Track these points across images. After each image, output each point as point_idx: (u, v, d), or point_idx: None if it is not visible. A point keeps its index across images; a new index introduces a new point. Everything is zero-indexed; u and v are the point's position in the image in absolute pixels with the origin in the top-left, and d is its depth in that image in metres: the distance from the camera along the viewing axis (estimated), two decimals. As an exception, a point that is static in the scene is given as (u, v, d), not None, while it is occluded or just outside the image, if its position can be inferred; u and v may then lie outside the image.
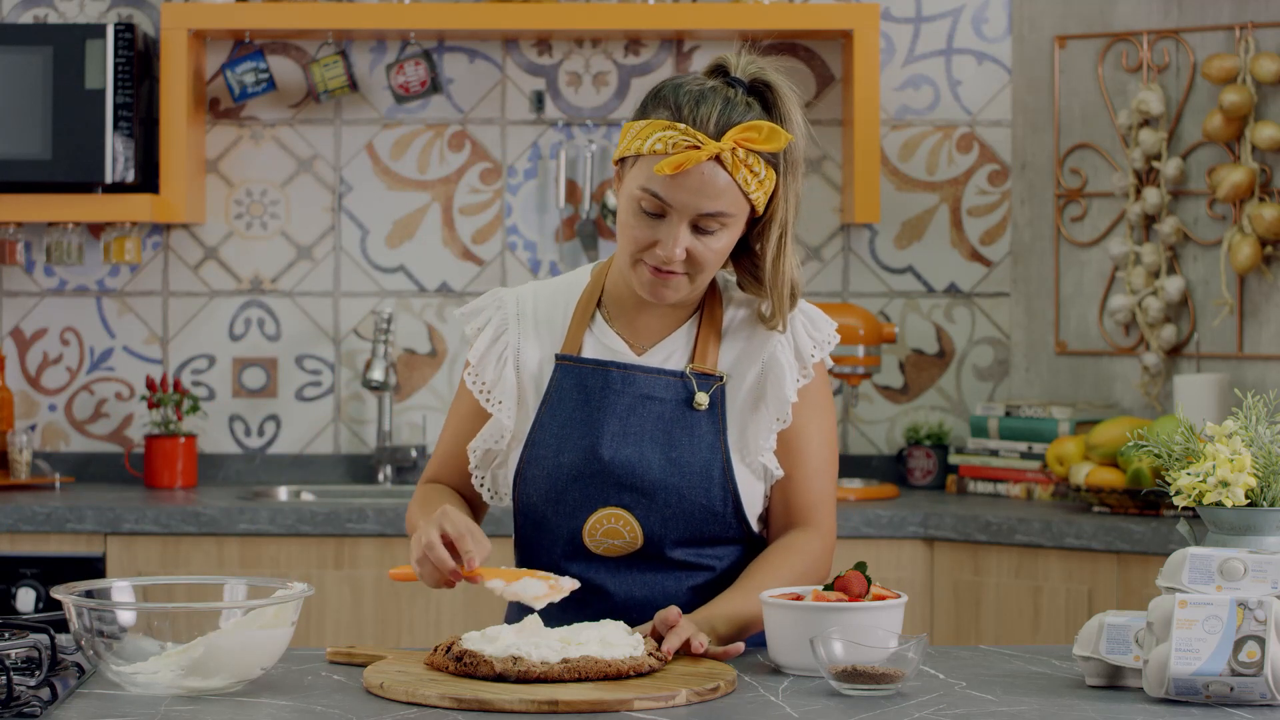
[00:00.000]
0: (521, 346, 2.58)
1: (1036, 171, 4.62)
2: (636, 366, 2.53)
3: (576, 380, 2.53)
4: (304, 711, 2.08)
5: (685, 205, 2.42)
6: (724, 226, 2.43)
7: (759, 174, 2.43)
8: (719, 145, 2.40)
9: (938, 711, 2.08)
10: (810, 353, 2.55)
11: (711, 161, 2.41)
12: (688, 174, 2.41)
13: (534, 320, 2.59)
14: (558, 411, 2.53)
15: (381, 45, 4.67)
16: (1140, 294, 4.40)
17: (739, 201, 2.43)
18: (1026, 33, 4.64)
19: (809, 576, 2.50)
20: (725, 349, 2.56)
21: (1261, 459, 2.25)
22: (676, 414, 2.52)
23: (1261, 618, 2.06)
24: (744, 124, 2.41)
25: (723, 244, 2.45)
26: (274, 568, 4.04)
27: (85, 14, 4.67)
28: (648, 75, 4.68)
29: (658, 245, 2.43)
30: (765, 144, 2.41)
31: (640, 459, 2.49)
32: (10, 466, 4.42)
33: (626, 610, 2.51)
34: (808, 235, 4.67)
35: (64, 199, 4.37)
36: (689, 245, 2.43)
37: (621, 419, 2.51)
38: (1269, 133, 4.18)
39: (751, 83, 2.48)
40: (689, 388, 2.52)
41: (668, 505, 2.49)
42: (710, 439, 2.51)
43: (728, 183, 2.41)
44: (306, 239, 4.68)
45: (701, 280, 2.48)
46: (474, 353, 2.58)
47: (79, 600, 2.17)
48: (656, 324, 2.56)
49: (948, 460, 4.54)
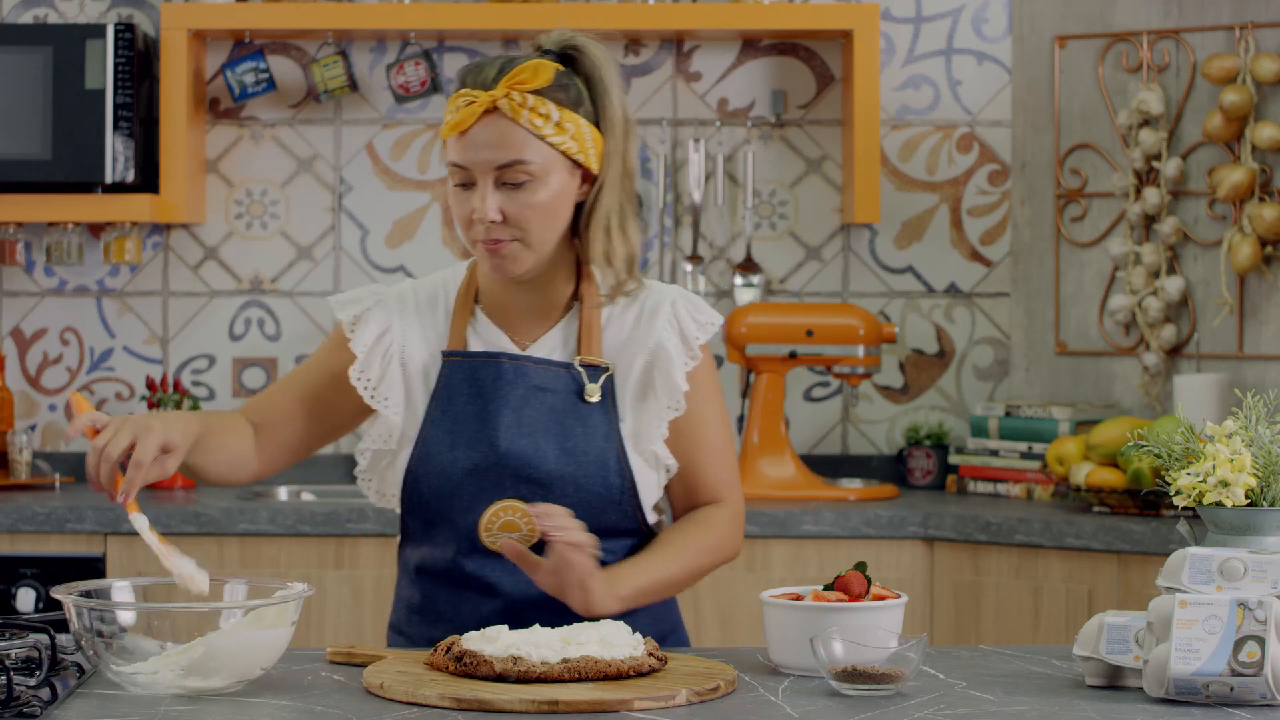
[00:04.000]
0: (406, 344, 2.56)
1: (1036, 171, 4.62)
2: (527, 358, 2.52)
3: (467, 374, 2.52)
4: (304, 711, 2.08)
5: (480, 162, 2.43)
6: (533, 178, 2.44)
7: (551, 116, 2.44)
8: (491, 94, 2.42)
9: (938, 711, 2.08)
10: (695, 335, 2.54)
11: (494, 113, 2.43)
12: (474, 131, 2.43)
13: (417, 317, 2.58)
14: (449, 407, 2.52)
15: (381, 45, 4.67)
16: (1140, 294, 4.40)
17: (539, 149, 2.44)
18: (1026, 33, 4.64)
19: (719, 550, 2.54)
20: (609, 339, 2.55)
21: (1261, 459, 2.25)
22: (568, 405, 2.51)
23: (1261, 618, 2.06)
24: (514, 68, 2.44)
25: (540, 199, 2.44)
26: (274, 568, 4.04)
27: (85, 14, 4.67)
28: (648, 75, 4.68)
29: (475, 213, 2.45)
30: (534, 80, 2.43)
31: (536, 449, 2.49)
32: (10, 466, 4.42)
33: (523, 608, 2.49)
34: (808, 235, 4.68)
35: (64, 199, 4.37)
36: (501, 205, 2.44)
37: (515, 410, 2.50)
38: (1269, 133, 4.18)
39: (561, 50, 2.51)
40: (578, 380, 2.52)
41: (565, 495, 2.48)
42: (604, 429, 2.51)
43: (516, 130, 2.43)
44: (306, 239, 4.69)
45: (538, 245, 2.47)
46: (358, 345, 2.55)
47: (79, 600, 2.17)
48: (533, 318, 2.56)
49: (948, 460, 4.54)
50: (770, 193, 4.69)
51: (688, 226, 4.68)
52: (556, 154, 2.45)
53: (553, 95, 2.45)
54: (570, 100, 2.47)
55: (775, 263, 4.68)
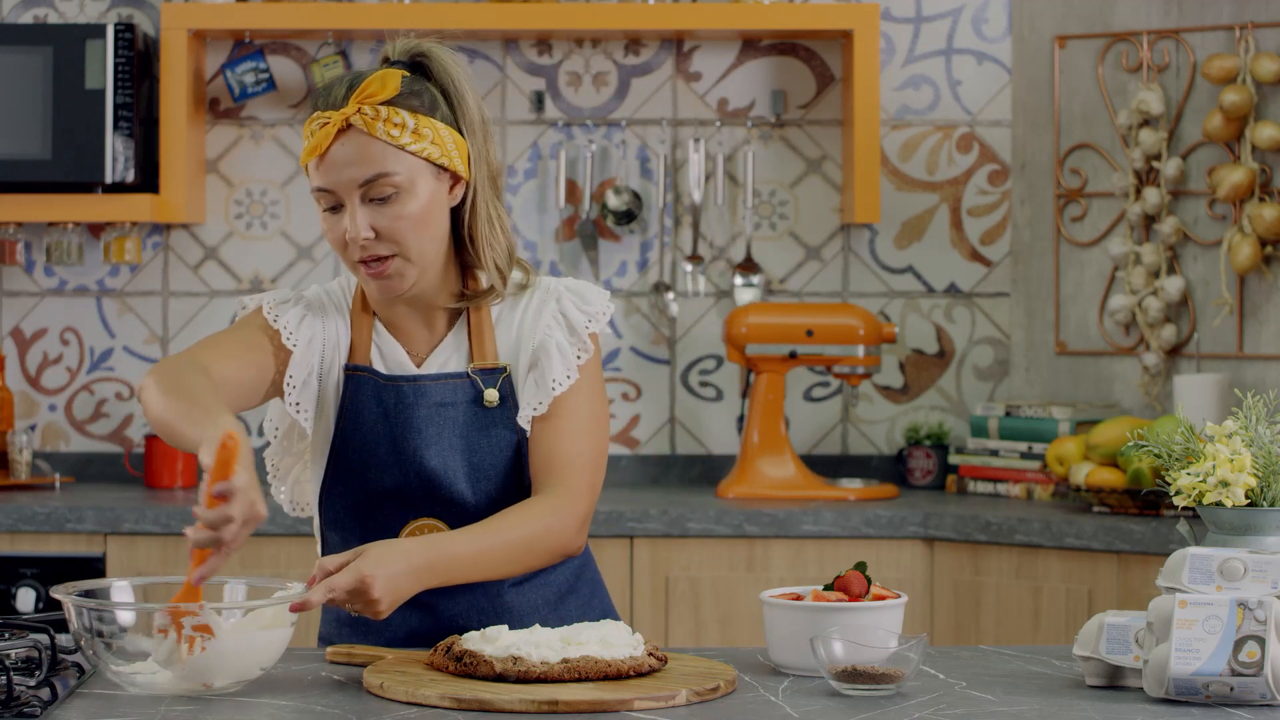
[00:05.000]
0: (326, 352, 2.53)
1: (1036, 171, 4.62)
2: (423, 376, 2.49)
3: (373, 393, 2.50)
4: (304, 711, 2.08)
5: (343, 182, 2.40)
6: (399, 190, 2.40)
7: (408, 125, 2.40)
8: (343, 111, 2.39)
9: (938, 711, 2.08)
10: (584, 325, 2.50)
11: (350, 131, 2.39)
12: (332, 152, 2.40)
13: (331, 325, 2.54)
14: (359, 425, 2.49)
15: (381, 45, 4.66)
16: (1140, 294, 4.40)
17: (400, 159, 2.40)
18: (1026, 33, 4.64)
19: (537, 543, 2.40)
20: (501, 337, 2.52)
21: (1261, 459, 2.25)
22: (470, 417, 2.48)
23: (1261, 618, 2.06)
24: (361, 84, 2.41)
25: (410, 210, 2.41)
26: (274, 568, 4.04)
27: (85, 14, 4.67)
28: (648, 75, 4.68)
29: (347, 234, 2.41)
30: (383, 91, 2.40)
31: (445, 470, 2.46)
32: (10, 466, 4.42)
33: (453, 616, 2.49)
34: (808, 235, 4.68)
35: (64, 199, 4.37)
36: (372, 221, 2.40)
37: (421, 431, 2.47)
38: (1269, 133, 4.18)
39: (410, 59, 2.50)
40: (476, 387, 2.49)
41: (480, 511, 2.46)
42: (507, 436, 2.48)
43: (373, 144, 2.39)
44: (306, 239, 4.68)
45: (418, 257, 2.43)
46: (294, 344, 2.49)
47: (78, 600, 2.17)
48: (426, 329, 2.52)
49: (948, 460, 4.54)
50: (770, 193, 4.69)
51: (688, 226, 4.68)
52: (419, 161, 2.42)
53: (405, 104, 2.42)
54: (425, 106, 2.44)
55: (775, 263, 4.68)
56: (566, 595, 2.56)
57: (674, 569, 4.05)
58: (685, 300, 4.68)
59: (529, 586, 2.52)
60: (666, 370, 4.67)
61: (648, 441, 4.66)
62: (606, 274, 4.65)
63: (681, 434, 4.68)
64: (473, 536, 2.36)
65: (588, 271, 4.64)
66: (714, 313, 4.67)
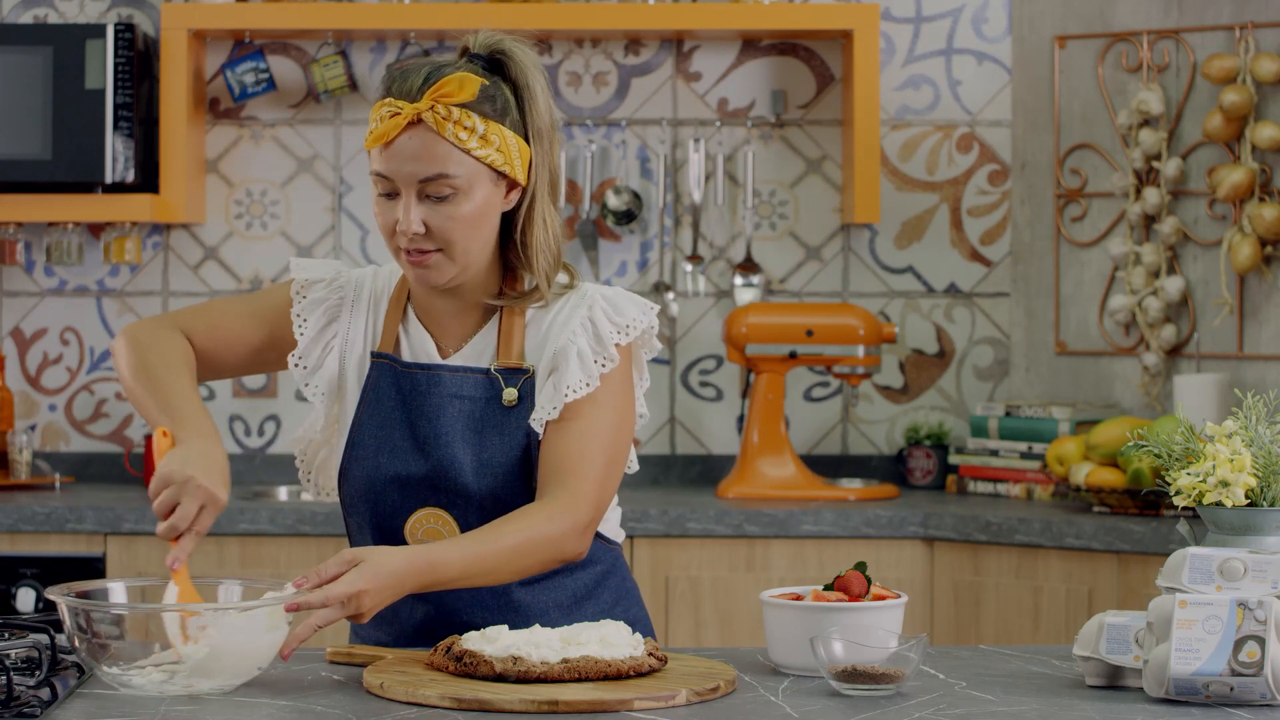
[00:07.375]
0: (350, 336, 2.56)
1: (1036, 171, 4.62)
2: (442, 367, 2.50)
3: (393, 379, 2.52)
4: (304, 711, 2.08)
5: (404, 174, 2.41)
6: (457, 191, 2.40)
7: (476, 130, 2.40)
8: (416, 106, 2.39)
9: (938, 711, 2.08)
10: (611, 335, 2.48)
11: (419, 126, 2.40)
12: (398, 143, 2.40)
13: (364, 309, 2.56)
14: (376, 412, 2.51)
15: (381, 45, 4.67)
16: (1140, 294, 4.40)
17: (463, 162, 2.40)
18: (1026, 33, 4.64)
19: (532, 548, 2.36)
20: (530, 340, 2.51)
21: (1261, 459, 2.25)
22: (487, 412, 2.48)
23: (1261, 618, 2.06)
24: (439, 80, 2.41)
25: (464, 212, 2.41)
26: (274, 568, 4.04)
27: (85, 14, 4.67)
28: (648, 75, 4.68)
29: (398, 225, 2.42)
30: (460, 94, 2.40)
31: (453, 462, 2.46)
32: (10, 466, 4.42)
33: (455, 609, 2.49)
34: (808, 235, 4.68)
35: (64, 199, 4.37)
36: (425, 217, 2.41)
37: (432, 421, 2.48)
38: (1269, 133, 4.18)
39: (490, 55, 2.49)
40: (496, 384, 2.49)
41: (483, 507, 2.47)
42: (520, 435, 2.48)
43: (440, 143, 2.39)
44: (306, 239, 4.69)
45: (461, 256, 2.43)
46: (304, 329, 2.53)
47: (76, 602, 2.16)
48: (460, 323, 2.53)
49: (948, 460, 4.54)
50: (770, 193, 4.69)
51: (688, 226, 4.68)
52: (481, 167, 2.42)
53: (478, 108, 2.42)
54: (496, 112, 2.44)
55: (775, 263, 4.68)
56: (583, 600, 2.56)
57: (674, 569, 4.05)
58: (685, 300, 4.68)
59: (540, 587, 2.52)
60: (666, 370, 4.67)
61: (648, 441, 4.66)
62: (606, 274, 4.66)
63: (681, 434, 4.68)
64: (466, 544, 2.35)
65: (588, 272, 4.63)
66: (714, 313, 4.68)
